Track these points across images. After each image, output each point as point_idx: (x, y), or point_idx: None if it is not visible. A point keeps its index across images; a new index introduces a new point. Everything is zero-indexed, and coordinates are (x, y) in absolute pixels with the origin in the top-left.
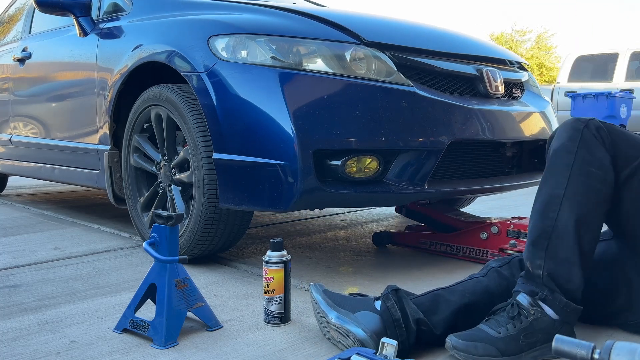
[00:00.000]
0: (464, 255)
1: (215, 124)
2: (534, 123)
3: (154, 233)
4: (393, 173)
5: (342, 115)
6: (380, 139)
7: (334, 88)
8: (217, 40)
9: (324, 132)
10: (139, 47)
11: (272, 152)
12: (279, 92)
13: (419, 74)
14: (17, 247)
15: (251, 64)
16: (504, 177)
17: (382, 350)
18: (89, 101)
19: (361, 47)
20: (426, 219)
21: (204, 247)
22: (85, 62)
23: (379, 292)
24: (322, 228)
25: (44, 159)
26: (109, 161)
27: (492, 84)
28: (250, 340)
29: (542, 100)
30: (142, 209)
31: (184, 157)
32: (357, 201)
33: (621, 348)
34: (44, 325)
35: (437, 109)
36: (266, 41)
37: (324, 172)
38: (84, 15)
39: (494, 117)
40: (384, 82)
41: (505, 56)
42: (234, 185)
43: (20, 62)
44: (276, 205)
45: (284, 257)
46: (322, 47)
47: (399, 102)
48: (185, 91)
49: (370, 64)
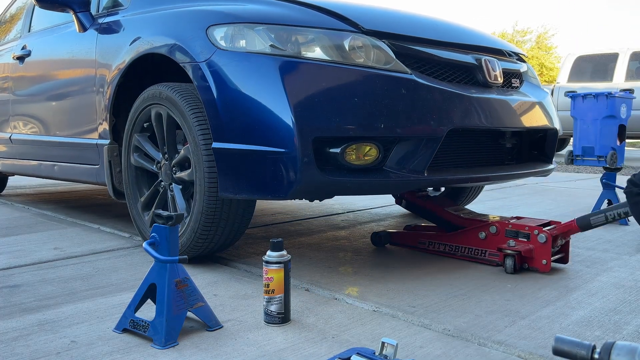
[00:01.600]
0: (462, 255)
1: (214, 113)
2: (533, 113)
3: (154, 233)
4: (393, 160)
5: (341, 103)
6: (380, 126)
7: (333, 75)
8: (216, 30)
9: (324, 120)
10: (138, 40)
11: (272, 139)
12: (278, 80)
13: (417, 62)
14: (17, 247)
15: (250, 53)
16: (503, 166)
17: (382, 350)
18: (88, 96)
19: (360, 35)
20: (425, 212)
21: (205, 245)
22: (84, 57)
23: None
24: (322, 228)
25: (44, 156)
26: (108, 155)
27: (491, 73)
28: (250, 340)
29: (541, 91)
30: (142, 208)
31: (185, 156)
32: (357, 189)
33: (621, 348)
34: (44, 325)
35: (436, 96)
36: (265, 30)
37: (324, 160)
38: (83, 11)
39: (492, 106)
40: (383, 69)
41: (504, 47)
42: (233, 174)
43: (19, 60)
44: (276, 193)
45: (284, 257)
46: (321, 36)
47: (397, 90)
48: (185, 89)
49: (369, 52)
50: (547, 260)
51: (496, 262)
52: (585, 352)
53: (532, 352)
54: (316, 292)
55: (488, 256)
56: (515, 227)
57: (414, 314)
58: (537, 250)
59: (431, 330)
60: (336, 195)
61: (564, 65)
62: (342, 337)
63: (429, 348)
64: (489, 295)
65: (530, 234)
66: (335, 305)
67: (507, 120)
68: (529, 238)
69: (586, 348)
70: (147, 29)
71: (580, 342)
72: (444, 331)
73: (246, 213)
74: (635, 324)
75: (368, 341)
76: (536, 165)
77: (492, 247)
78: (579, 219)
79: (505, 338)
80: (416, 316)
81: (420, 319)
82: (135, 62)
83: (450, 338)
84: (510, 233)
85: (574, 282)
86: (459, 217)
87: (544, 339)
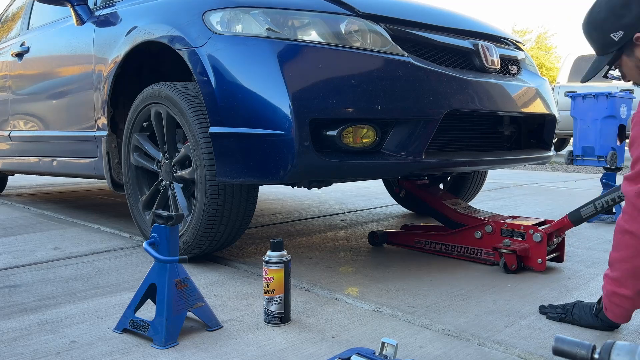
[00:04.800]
0: (458, 254)
1: (211, 98)
2: (530, 99)
3: (154, 233)
4: (390, 143)
5: (337, 85)
6: (376, 107)
7: (329, 58)
8: (212, 15)
9: (320, 101)
10: (134, 30)
11: (269, 122)
12: (275, 63)
13: (414, 46)
14: (17, 247)
15: (247, 36)
16: (502, 152)
17: (382, 350)
18: (87, 89)
19: (356, 18)
20: (423, 205)
21: (208, 242)
22: (82, 49)
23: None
24: (322, 228)
25: (43, 152)
26: (107, 146)
27: (488, 58)
28: (250, 340)
29: (539, 78)
30: (143, 207)
31: (185, 154)
32: (355, 172)
33: (621, 348)
34: (44, 325)
35: (433, 78)
36: (261, 13)
37: (322, 143)
38: (80, 4)
39: (489, 90)
40: (379, 52)
41: (501, 34)
42: (230, 158)
43: (18, 56)
44: (273, 175)
45: (284, 257)
46: (317, 19)
47: (394, 72)
48: (185, 88)
49: (365, 35)
50: (542, 259)
51: (492, 262)
52: (585, 352)
53: (532, 352)
54: (316, 292)
55: (484, 255)
56: (510, 227)
57: (414, 314)
58: (533, 249)
59: (431, 330)
60: (334, 178)
61: (563, 65)
62: (342, 337)
63: (429, 348)
64: (489, 295)
65: (526, 233)
66: (335, 305)
67: (504, 105)
68: (525, 237)
69: (586, 348)
70: (143, 19)
71: (580, 342)
72: (444, 331)
73: (248, 209)
74: (635, 324)
75: (368, 341)
76: (535, 152)
77: (488, 247)
78: (570, 214)
79: (505, 338)
80: (416, 316)
81: (420, 319)
82: (133, 52)
83: (450, 338)
84: (506, 232)
85: (574, 282)
86: (456, 212)
87: (544, 339)
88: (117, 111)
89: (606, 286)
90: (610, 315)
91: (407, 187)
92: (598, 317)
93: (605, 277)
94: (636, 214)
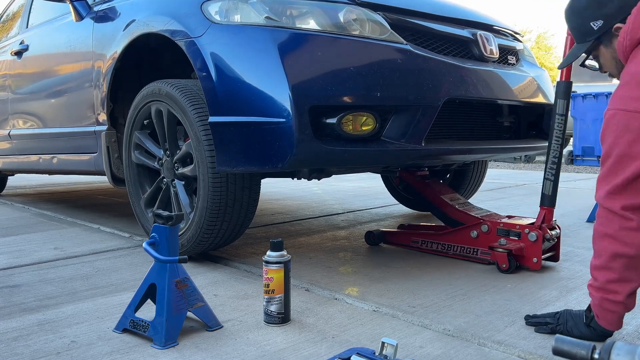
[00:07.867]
0: (454, 254)
1: (210, 88)
2: (529, 88)
3: (154, 233)
4: (390, 130)
5: (337, 73)
6: (375, 94)
7: (328, 45)
8: (210, 5)
9: (320, 89)
10: (133, 23)
11: (268, 110)
12: (274, 51)
13: (413, 35)
14: (17, 247)
15: (245, 25)
16: (502, 141)
17: (382, 350)
18: (86, 85)
19: (354, 7)
20: (421, 198)
21: (211, 240)
22: (81, 45)
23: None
24: (322, 228)
25: (43, 150)
26: (106, 141)
27: (487, 48)
28: (250, 340)
29: (537, 68)
30: (145, 205)
31: (187, 152)
32: (355, 160)
33: (621, 348)
34: (44, 325)
35: (432, 66)
36: (259, 2)
37: (321, 130)
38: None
39: (488, 78)
40: (378, 39)
41: (500, 24)
42: (230, 147)
43: (17, 55)
44: (273, 163)
45: (284, 257)
46: (316, 7)
47: (393, 59)
48: (185, 85)
49: (364, 23)
50: (537, 258)
51: (488, 261)
52: (585, 352)
53: (532, 352)
54: (316, 292)
55: (480, 254)
56: (506, 226)
57: (414, 314)
58: (528, 248)
59: (431, 330)
60: (334, 166)
61: None
62: (342, 337)
63: (429, 348)
64: (489, 295)
65: (521, 232)
66: (335, 305)
67: (503, 93)
68: (520, 236)
69: (586, 348)
70: (142, 12)
71: (580, 342)
72: (444, 331)
73: (250, 206)
74: (635, 324)
75: (368, 341)
76: (535, 141)
77: (484, 246)
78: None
79: (505, 338)
80: (416, 316)
81: (420, 319)
82: (132, 45)
83: (450, 338)
84: (502, 232)
85: (574, 282)
86: (453, 208)
87: (544, 339)
88: (117, 106)
89: (595, 295)
90: (604, 323)
91: (406, 179)
92: (590, 326)
93: (590, 287)
94: (611, 217)
